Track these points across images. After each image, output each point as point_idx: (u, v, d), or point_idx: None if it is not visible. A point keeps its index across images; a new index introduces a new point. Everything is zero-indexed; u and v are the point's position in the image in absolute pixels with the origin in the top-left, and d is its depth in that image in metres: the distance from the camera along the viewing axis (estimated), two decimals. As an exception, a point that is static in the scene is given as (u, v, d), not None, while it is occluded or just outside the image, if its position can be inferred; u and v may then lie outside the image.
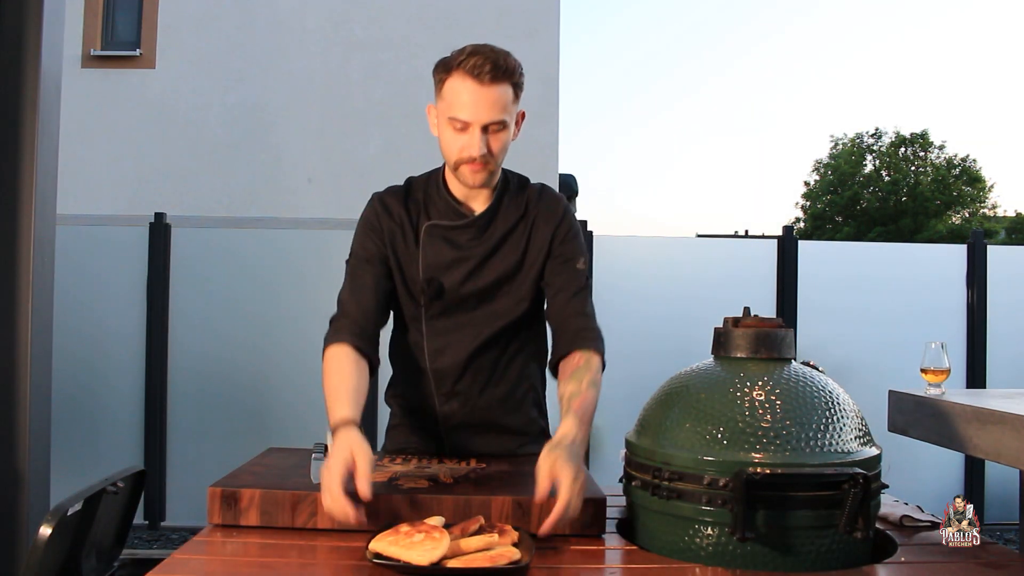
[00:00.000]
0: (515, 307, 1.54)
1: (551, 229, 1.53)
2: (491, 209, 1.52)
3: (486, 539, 1.08)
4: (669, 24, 75.99)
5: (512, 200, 1.54)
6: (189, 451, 3.94)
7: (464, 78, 1.39)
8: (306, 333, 3.97)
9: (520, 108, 1.48)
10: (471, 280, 1.51)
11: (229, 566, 1.12)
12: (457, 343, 1.54)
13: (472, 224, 1.51)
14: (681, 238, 6.08)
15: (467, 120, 1.40)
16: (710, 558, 1.13)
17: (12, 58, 2.18)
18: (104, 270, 3.99)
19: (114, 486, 1.49)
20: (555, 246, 1.52)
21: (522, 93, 1.47)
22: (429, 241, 1.51)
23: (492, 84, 1.39)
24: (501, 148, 1.45)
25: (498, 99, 1.40)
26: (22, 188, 2.16)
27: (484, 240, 1.51)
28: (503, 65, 1.40)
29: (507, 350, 1.58)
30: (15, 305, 2.14)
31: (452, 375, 1.55)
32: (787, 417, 1.14)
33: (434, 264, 1.51)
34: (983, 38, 58.31)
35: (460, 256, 1.51)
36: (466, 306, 1.53)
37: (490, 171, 1.46)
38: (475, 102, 1.39)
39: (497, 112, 1.40)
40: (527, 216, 1.54)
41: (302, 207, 6.76)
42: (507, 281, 1.53)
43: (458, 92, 1.40)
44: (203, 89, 7.06)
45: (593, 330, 1.49)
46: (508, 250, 1.52)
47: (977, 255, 4.17)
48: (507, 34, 6.90)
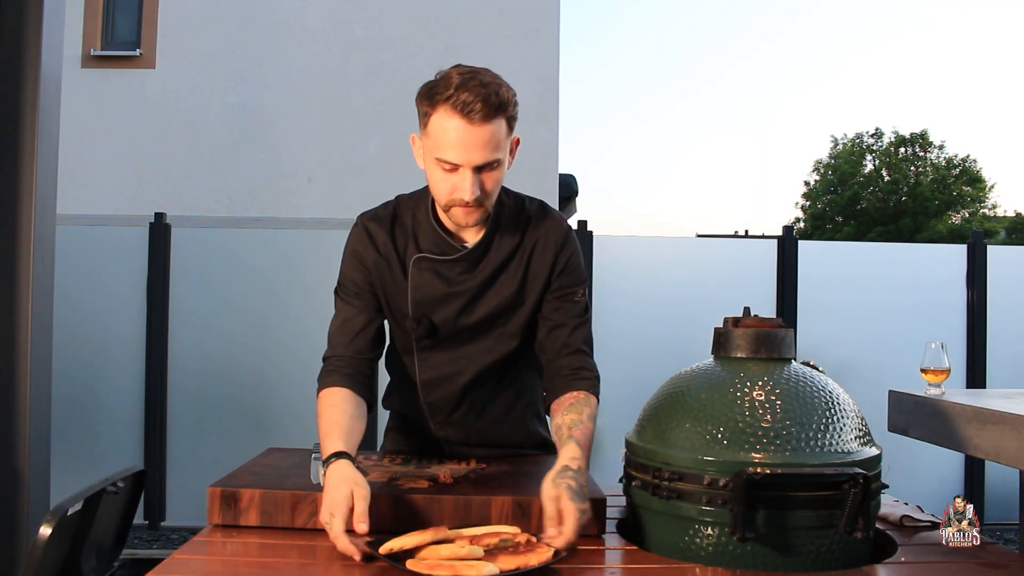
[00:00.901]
0: (510, 341, 1.45)
1: (550, 258, 1.42)
2: (484, 240, 1.41)
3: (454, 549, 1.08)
4: (669, 24, 76.02)
5: (508, 227, 1.43)
6: (189, 451, 3.94)
7: (452, 115, 1.25)
8: (306, 333, 3.97)
9: (514, 135, 1.35)
10: (463, 315, 1.42)
11: (229, 566, 1.12)
12: (451, 376, 1.47)
13: (464, 258, 1.40)
14: (681, 238, 6.08)
15: (456, 163, 1.27)
16: (710, 558, 1.13)
17: (12, 58, 2.17)
18: (104, 270, 3.99)
19: (114, 486, 1.49)
20: (554, 278, 1.43)
21: (516, 121, 1.33)
22: (418, 274, 1.41)
23: (484, 123, 1.25)
24: (495, 186, 1.33)
25: (491, 138, 1.27)
26: (22, 188, 2.16)
27: (477, 273, 1.41)
28: (495, 102, 1.25)
29: (504, 378, 1.51)
30: (15, 305, 2.14)
31: (447, 408, 1.50)
32: (787, 417, 1.14)
33: (424, 300, 1.41)
34: (983, 38, 58.35)
35: (451, 291, 1.41)
36: (460, 339, 1.45)
37: (485, 211, 1.35)
38: (465, 143, 1.26)
39: (490, 152, 1.27)
40: (524, 245, 1.43)
41: (302, 207, 6.75)
42: (502, 315, 1.43)
43: (446, 131, 1.26)
44: (203, 89, 7.05)
45: (590, 370, 1.43)
46: (503, 283, 1.42)
47: (977, 255, 4.17)
48: (507, 34, 6.90)
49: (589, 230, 3.95)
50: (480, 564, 1.02)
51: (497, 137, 1.28)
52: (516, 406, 1.57)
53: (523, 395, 1.58)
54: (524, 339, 1.47)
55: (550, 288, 1.44)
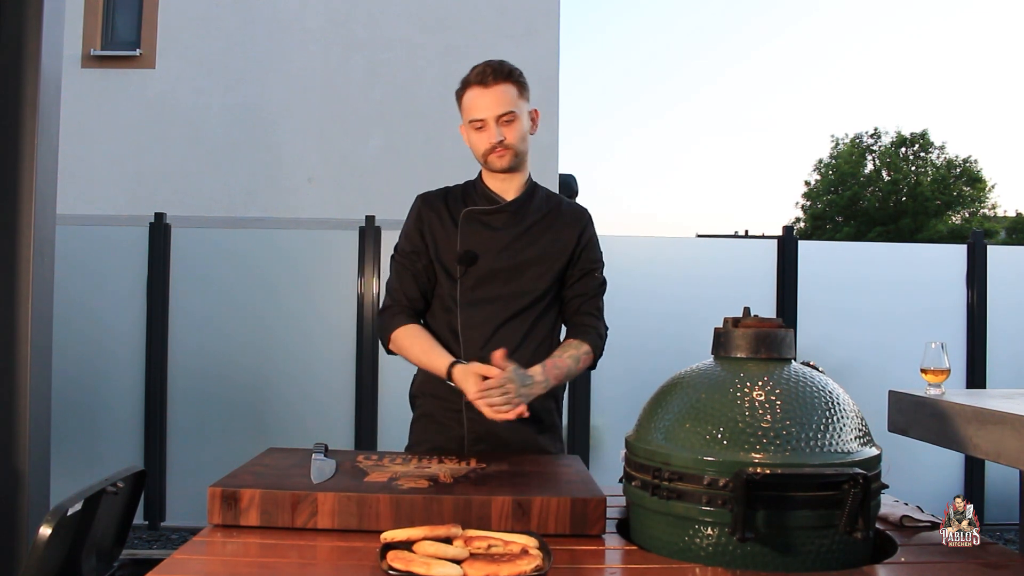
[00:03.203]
0: (539, 284, 1.71)
1: (578, 231, 1.76)
2: (523, 196, 1.74)
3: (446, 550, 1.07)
4: (669, 24, 76.05)
5: (542, 198, 1.78)
6: (189, 451, 3.94)
7: (473, 88, 1.67)
8: (306, 333, 3.98)
9: (532, 107, 1.73)
10: (503, 256, 1.69)
11: (229, 566, 1.12)
12: (487, 314, 1.69)
13: (506, 209, 1.72)
14: (681, 238, 6.07)
15: (482, 117, 1.66)
16: (710, 558, 1.13)
17: (12, 58, 2.18)
18: (104, 270, 3.99)
19: (114, 486, 1.49)
20: (580, 250, 1.76)
21: (528, 92, 1.72)
22: (467, 225, 1.72)
23: (495, 84, 1.66)
24: (517, 136, 1.68)
25: (503, 95, 1.66)
26: (22, 188, 2.16)
27: (516, 223, 1.72)
28: (501, 69, 1.67)
29: (531, 332, 1.71)
30: (15, 305, 2.14)
31: (479, 341, 1.67)
32: (787, 417, 1.14)
33: (471, 243, 1.70)
34: (983, 38, 58.34)
35: (495, 236, 1.71)
36: (497, 281, 1.69)
37: (513, 155, 1.68)
38: (485, 102, 1.66)
39: (504, 105, 1.65)
40: (556, 212, 1.76)
41: (302, 207, 6.76)
42: (535, 263, 1.71)
43: (472, 99, 1.67)
44: (203, 89, 7.05)
45: (596, 328, 1.75)
46: (538, 233, 1.73)
47: (977, 255, 4.17)
48: (507, 34, 6.90)
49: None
50: (439, 563, 1.03)
51: (508, 95, 1.66)
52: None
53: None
54: (551, 294, 1.74)
55: (576, 262, 1.76)
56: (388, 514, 1.22)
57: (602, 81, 76.85)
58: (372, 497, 1.24)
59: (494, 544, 1.11)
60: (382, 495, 1.23)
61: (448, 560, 1.05)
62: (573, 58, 77.33)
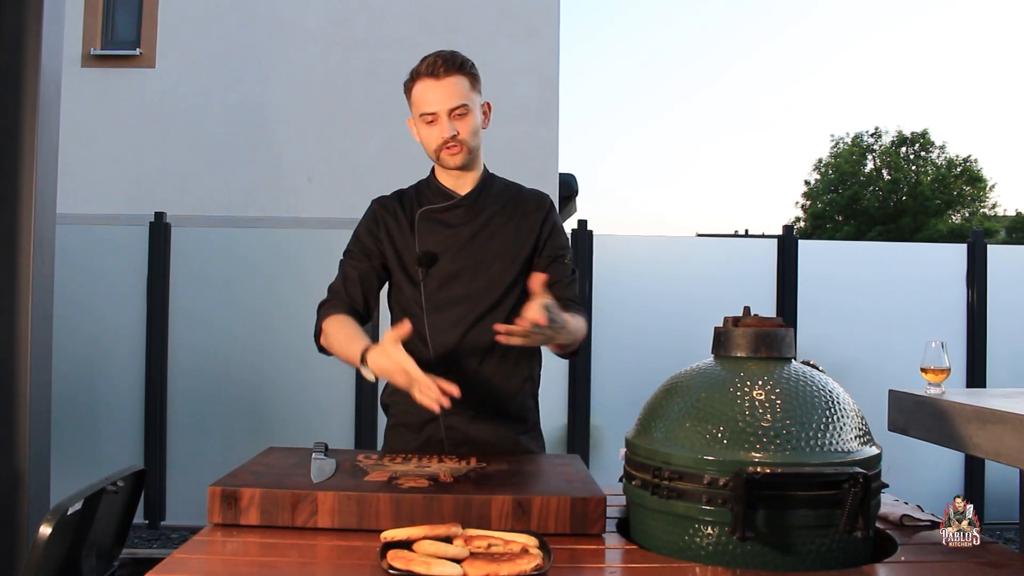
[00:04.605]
0: (505, 277, 1.64)
1: (540, 216, 1.68)
2: (477, 189, 1.67)
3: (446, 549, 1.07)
4: (669, 24, 76.01)
5: (499, 189, 1.71)
6: (189, 450, 3.94)
7: (424, 79, 1.60)
8: (306, 332, 3.95)
9: (484, 100, 1.66)
10: (464, 254, 1.63)
11: (229, 566, 1.12)
12: (455, 316, 1.62)
13: (462, 203, 1.66)
14: (681, 237, 6.08)
15: (433, 111, 1.58)
16: (710, 558, 1.13)
17: (12, 58, 2.18)
18: (104, 269, 4.00)
19: (114, 485, 1.49)
20: (544, 238, 1.67)
21: (480, 84, 1.64)
22: (423, 225, 1.65)
23: (447, 76, 1.58)
24: (470, 131, 1.61)
25: (454, 88, 1.58)
26: (22, 188, 2.16)
27: (474, 217, 1.66)
28: (453, 60, 1.59)
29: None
30: (15, 305, 2.14)
31: (450, 345, 1.61)
32: (787, 416, 1.14)
33: (430, 243, 1.64)
34: (983, 38, 58.32)
35: (453, 233, 1.64)
36: (461, 280, 1.63)
37: (467, 151, 1.62)
38: (436, 95, 1.58)
39: (456, 98, 1.58)
40: (516, 201, 1.69)
41: (302, 207, 6.75)
42: (499, 256, 1.64)
43: (422, 92, 1.60)
44: (203, 89, 7.05)
45: (579, 308, 1.64)
46: (498, 226, 1.66)
47: (977, 255, 4.17)
48: (507, 34, 6.89)
49: (589, 230, 3.95)
50: (439, 562, 1.03)
51: (460, 88, 1.59)
52: (515, 373, 1.67)
53: (523, 367, 1.68)
54: (519, 286, 1.64)
55: (541, 252, 1.67)
56: (388, 513, 1.22)
57: (602, 81, 76.83)
58: (372, 496, 1.24)
59: (494, 543, 1.11)
60: (382, 494, 1.23)
61: (448, 559, 1.05)
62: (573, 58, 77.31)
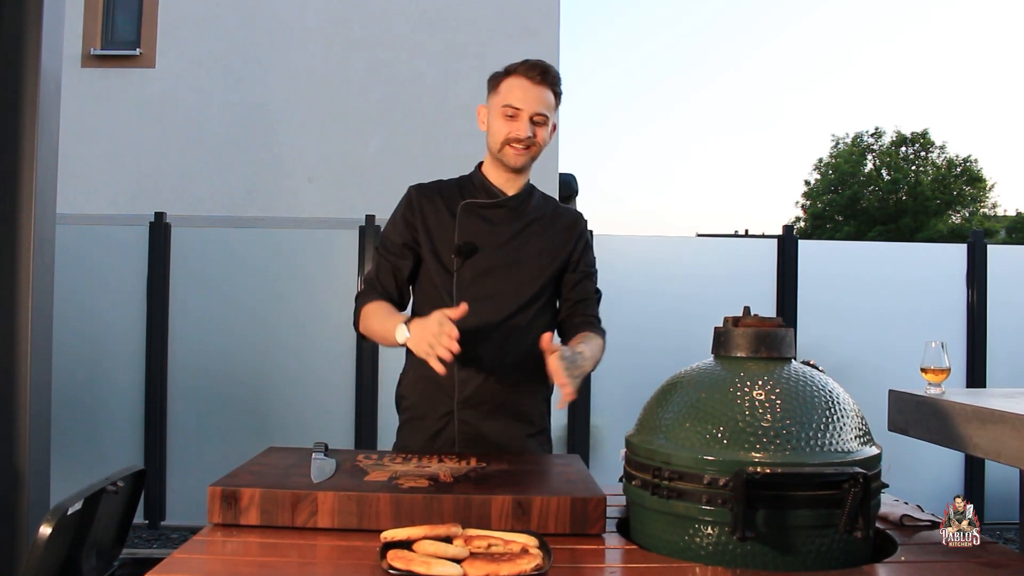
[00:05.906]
0: (536, 283, 1.69)
1: (576, 234, 1.77)
2: (523, 194, 1.74)
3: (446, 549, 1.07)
4: (670, 25, 76.01)
5: (539, 200, 1.78)
6: (189, 450, 3.94)
7: (520, 78, 1.68)
8: (306, 332, 3.98)
9: (554, 120, 1.73)
10: (502, 252, 1.68)
11: (229, 566, 1.12)
12: (483, 311, 1.63)
13: (506, 204, 1.71)
14: (681, 237, 6.08)
15: (520, 107, 1.66)
16: (710, 558, 1.13)
17: (12, 58, 2.17)
18: (104, 270, 3.99)
19: (114, 485, 1.49)
20: (579, 255, 1.75)
21: (559, 104, 1.74)
22: (465, 217, 1.70)
23: (541, 85, 1.68)
24: (542, 139, 1.69)
25: (545, 96, 1.68)
26: (22, 188, 2.16)
27: (515, 220, 1.71)
28: (551, 72, 1.70)
29: (527, 333, 1.66)
30: (15, 305, 2.14)
31: (474, 338, 1.60)
32: (787, 416, 1.14)
33: (469, 235, 1.68)
34: (983, 38, 58.29)
35: (494, 230, 1.69)
36: (494, 276, 1.67)
37: (531, 156, 1.69)
38: (527, 95, 1.66)
39: (543, 106, 1.68)
40: (553, 215, 1.77)
41: (302, 206, 6.76)
42: (533, 261, 1.70)
43: (513, 87, 1.67)
44: (203, 89, 7.05)
45: (601, 328, 1.75)
46: (534, 233, 1.72)
47: (977, 254, 4.17)
48: (507, 34, 6.89)
49: (589, 229, 3.93)
50: (439, 562, 1.03)
51: (549, 99, 1.69)
52: (533, 373, 1.65)
53: (539, 369, 1.64)
54: (546, 296, 1.72)
55: (575, 267, 1.75)
56: (388, 513, 1.22)
57: (602, 81, 76.86)
58: (372, 496, 1.24)
59: (494, 543, 1.11)
60: (382, 494, 1.23)
61: (448, 559, 1.05)
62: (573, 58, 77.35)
